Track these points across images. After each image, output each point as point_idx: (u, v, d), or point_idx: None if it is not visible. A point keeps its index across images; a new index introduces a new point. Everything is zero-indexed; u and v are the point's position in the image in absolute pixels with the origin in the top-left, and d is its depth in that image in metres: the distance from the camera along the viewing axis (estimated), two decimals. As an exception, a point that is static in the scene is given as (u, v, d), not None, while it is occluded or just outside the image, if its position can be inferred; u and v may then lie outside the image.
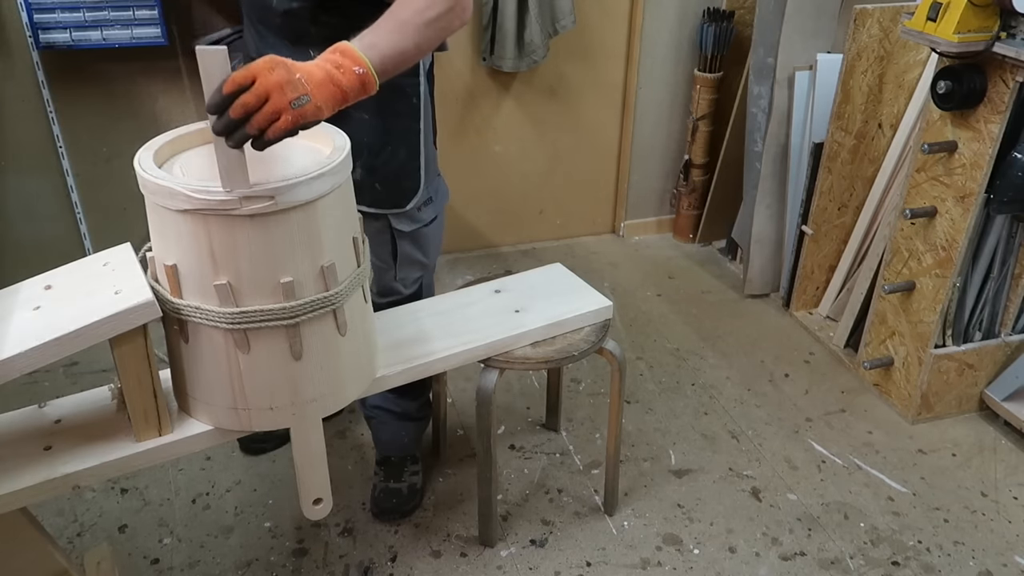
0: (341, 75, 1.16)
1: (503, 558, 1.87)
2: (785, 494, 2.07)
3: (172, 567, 1.83)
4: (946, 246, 2.13)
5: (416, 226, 1.70)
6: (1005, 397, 2.27)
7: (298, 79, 1.12)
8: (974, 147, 2.01)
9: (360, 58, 1.19)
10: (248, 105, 1.08)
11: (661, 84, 3.15)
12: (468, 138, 3.05)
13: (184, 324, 1.26)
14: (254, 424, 1.34)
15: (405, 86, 1.56)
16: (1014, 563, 1.88)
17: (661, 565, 1.86)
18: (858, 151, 2.59)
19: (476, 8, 2.80)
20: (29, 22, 2.27)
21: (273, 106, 1.09)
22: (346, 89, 1.17)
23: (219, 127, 1.10)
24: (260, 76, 1.09)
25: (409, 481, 1.99)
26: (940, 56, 2.00)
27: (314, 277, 1.25)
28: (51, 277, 1.30)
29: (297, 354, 1.28)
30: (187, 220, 1.16)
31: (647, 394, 2.43)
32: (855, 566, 1.87)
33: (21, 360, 1.14)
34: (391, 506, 1.96)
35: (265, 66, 1.10)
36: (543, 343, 1.70)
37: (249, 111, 1.09)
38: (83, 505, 1.98)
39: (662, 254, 3.29)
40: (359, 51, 1.20)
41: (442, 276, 3.08)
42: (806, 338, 2.73)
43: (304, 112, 1.13)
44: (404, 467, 2.00)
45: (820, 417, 2.35)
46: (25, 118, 2.46)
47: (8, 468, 1.26)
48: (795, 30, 2.61)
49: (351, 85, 1.18)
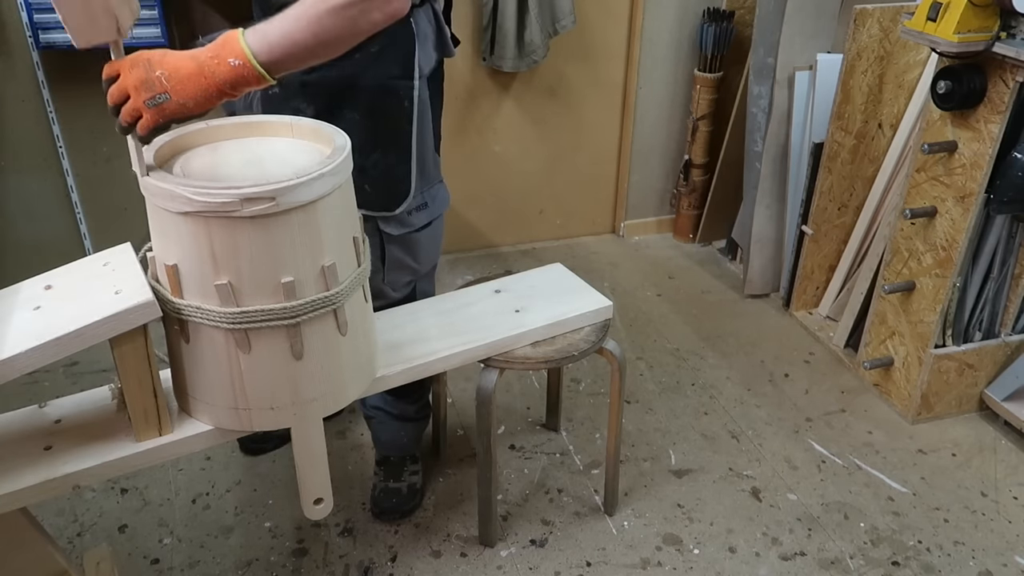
0: (216, 66, 1.13)
1: (503, 558, 1.87)
2: (785, 494, 2.07)
3: (172, 567, 1.83)
4: (946, 246, 2.13)
5: (406, 231, 1.66)
6: (1005, 397, 2.27)
7: (157, 76, 1.12)
8: (974, 147, 2.01)
9: (240, 49, 1.14)
10: (113, 98, 1.15)
11: (661, 84, 3.15)
12: (468, 138, 3.05)
13: (185, 324, 1.26)
14: (255, 424, 1.34)
15: (398, 88, 1.53)
16: (1014, 563, 1.88)
17: (661, 565, 1.86)
18: (858, 151, 2.59)
19: (476, 8, 2.80)
20: (29, 22, 2.27)
21: (131, 105, 1.14)
22: (218, 82, 1.13)
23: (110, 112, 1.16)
24: (122, 73, 1.14)
25: (409, 481, 1.99)
26: (940, 56, 2.00)
27: (315, 277, 1.25)
28: (51, 277, 1.30)
29: (298, 354, 1.28)
30: (188, 222, 1.16)
31: (647, 394, 2.43)
32: (855, 566, 1.87)
33: (21, 360, 1.15)
34: (391, 506, 1.96)
35: (127, 63, 1.14)
36: (543, 343, 1.70)
37: (116, 104, 1.15)
38: (83, 505, 1.98)
39: (662, 254, 3.29)
40: (243, 41, 1.14)
41: (442, 276, 3.08)
42: (806, 338, 2.73)
43: (163, 110, 1.13)
44: (404, 467, 2.01)
45: (820, 417, 2.35)
46: (25, 118, 2.46)
47: (8, 468, 1.26)
48: (795, 30, 2.61)
49: (224, 77, 1.13)
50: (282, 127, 1.37)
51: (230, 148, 1.34)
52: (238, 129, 1.36)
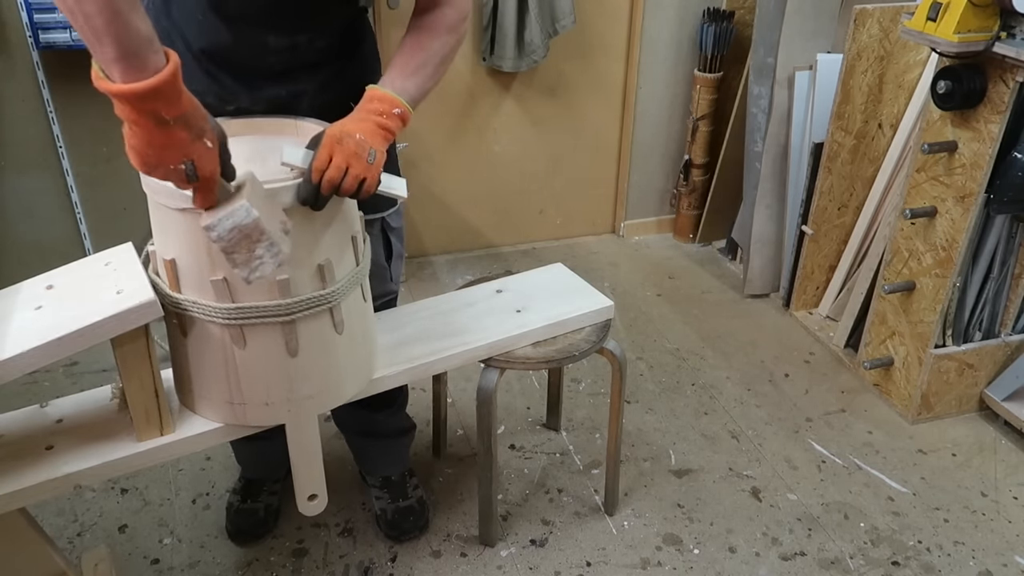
0: (387, 121, 1.29)
1: (503, 558, 1.87)
2: (785, 494, 2.07)
3: (172, 567, 1.83)
4: (946, 246, 2.13)
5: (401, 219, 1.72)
6: (1005, 397, 2.27)
7: (361, 140, 1.23)
8: (974, 147, 2.01)
9: (395, 99, 1.30)
10: (334, 181, 1.20)
11: (661, 84, 3.15)
12: (468, 138, 3.05)
13: (183, 318, 1.27)
14: (250, 419, 1.34)
15: None
16: (1014, 563, 1.88)
17: (661, 565, 1.86)
18: (858, 151, 2.59)
19: (476, 8, 2.80)
20: (29, 22, 2.27)
21: (355, 173, 1.22)
22: (394, 131, 1.31)
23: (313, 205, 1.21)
24: (335, 153, 1.21)
25: (415, 496, 1.95)
26: (940, 56, 2.00)
27: (310, 275, 1.26)
28: (53, 277, 1.31)
29: (293, 351, 1.29)
30: (185, 218, 1.17)
31: (647, 394, 2.44)
32: (855, 566, 1.87)
33: (23, 360, 1.15)
34: (410, 525, 1.91)
35: (335, 141, 1.21)
36: (544, 343, 1.70)
37: (335, 185, 1.20)
38: (83, 505, 1.98)
39: (662, 254, 3.29)
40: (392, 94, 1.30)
41: (442, 276, 3.09)
42: (806, 338, 2.73)
43: (378, 165, 1.26)
44: (406, 483, 1.96)
45: (820, 417, 2.35)
46: (25, 118, 2.46)
47: (10, 468, 1.26)
48: (795, 30, 2.61)
49: (396, 126, 1.31)
50: (287, 126, 1.38)
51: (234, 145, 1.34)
52: (244, 127, 1.36)
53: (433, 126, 2.98)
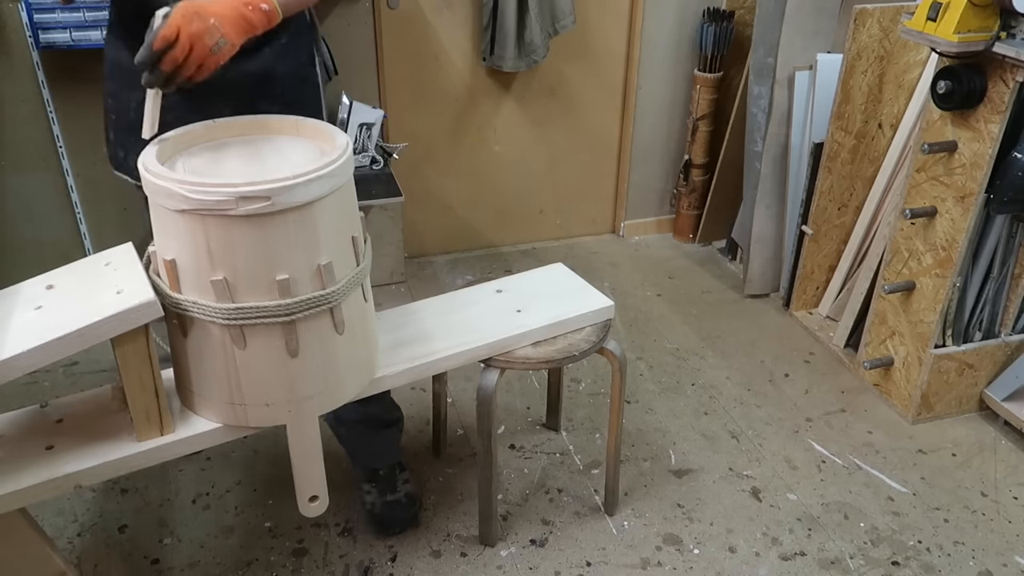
0: (251, 13, 1.28)
1: (503, 558, 1.87)
2: (785, 494, 2.07)
3: (172, 567, 1.83)
4: (946, 246, 2.13)
5: None
6: (1005, 397, 2.27)
7: (213, 25, 1.23)
8: (974, 147, 2.01)
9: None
10: (177, 59, 1.21)
11: (661, 84, 3.15)
12: (468, 138, 3.05)
13: (183, 318, 1.27)
14: (251, 419, 1.34)
15: (308, 75, 1.61)
16: (1014, 563, 1.88)
17: (661, 565, 1.86)
18: (858, 151, 2.59)
19: (476, 8, 2.81)
20: (29, 22, 2.28)
21: (197, 55, 1.22)
22: (256, 24, 1.30)
23: (152, 81, 1.22)
24: (182, 29, 1.20)
25: (404, 490, 1.94)
26: (940, 56, 2.00)
27: (310, 276, 1.26)
28: (53, 277, 1.31)
29: (293, 351, 1.29)
30: (185, 219, 1.17)
31: (647, 394, 2.44)
32: (855, 566, 1.87)
33: (23, 359, 1.15)
34: (393, 518, 1.90)
35: (182, 19, 1.21)
36: (544, 343, 1.70)
37: (178, 64, 1.21)
38: (83, 505, 1.98)
39: (662, 254, 3.29)
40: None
41: (442, 276, 3.09)
42: (806, 338, 2.73)
43: (223, 54, 1.25)
44: (395, 476, 1.96)
45: (820, 417, 2.35)
46: (25, 118, 2.46)
47: (10, 468, 1.26)
48: (795, 30, 2.61)
49: (260, 20, 1.30)
50: (287, 126, 1.38)
51: (234, 146, 1.35)
52: (244, 127, 1.36)
53: (433, 126, 2.98)
